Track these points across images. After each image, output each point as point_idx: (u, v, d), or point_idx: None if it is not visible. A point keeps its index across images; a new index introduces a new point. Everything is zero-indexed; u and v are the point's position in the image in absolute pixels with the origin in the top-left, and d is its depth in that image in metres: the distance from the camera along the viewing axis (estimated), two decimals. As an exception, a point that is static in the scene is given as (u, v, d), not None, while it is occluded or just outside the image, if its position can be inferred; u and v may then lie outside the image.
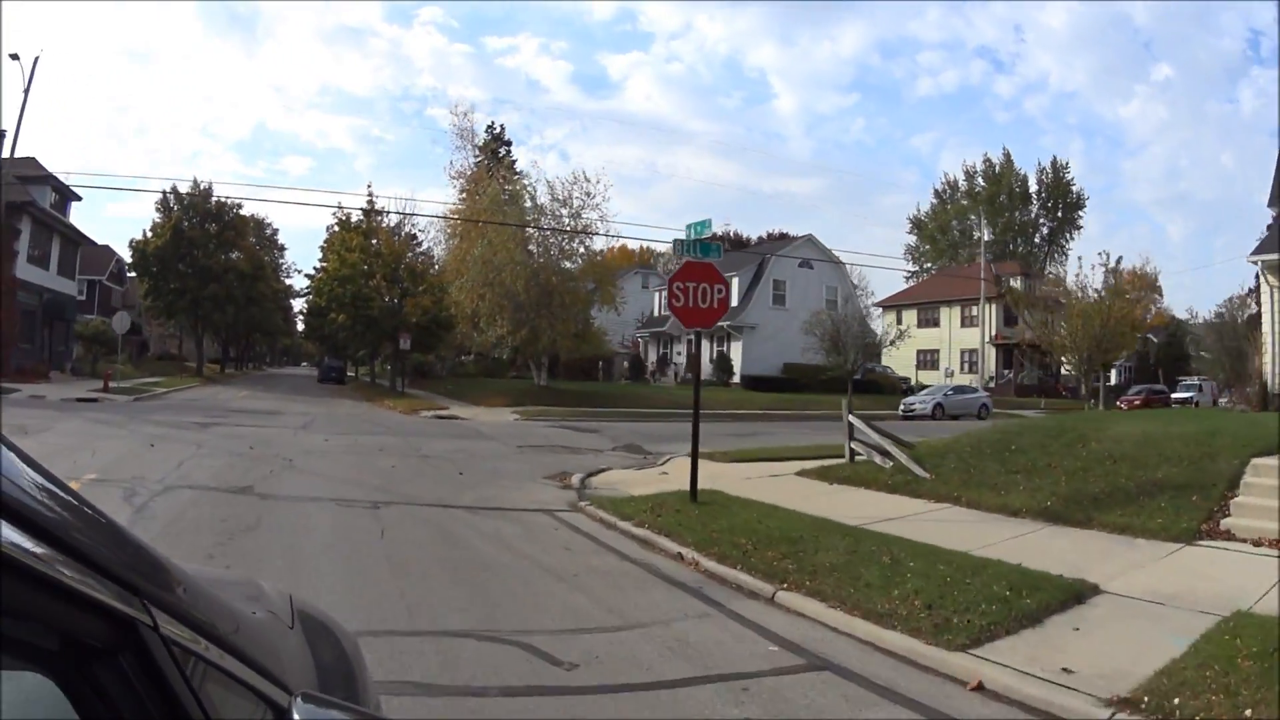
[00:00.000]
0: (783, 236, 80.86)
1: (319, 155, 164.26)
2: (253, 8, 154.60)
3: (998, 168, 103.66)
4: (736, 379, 56.36)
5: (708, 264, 13.79)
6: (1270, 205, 26.14)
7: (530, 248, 42.03)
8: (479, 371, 65.31)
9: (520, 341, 40.73)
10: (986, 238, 62.95)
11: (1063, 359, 56.86)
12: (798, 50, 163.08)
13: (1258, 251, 23.81)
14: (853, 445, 17.28)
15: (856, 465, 16.91)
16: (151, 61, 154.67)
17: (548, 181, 44.19)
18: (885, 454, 16.34)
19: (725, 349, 58.56)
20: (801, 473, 17.06)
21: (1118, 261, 37.36)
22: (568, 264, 42.69)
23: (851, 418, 17.64)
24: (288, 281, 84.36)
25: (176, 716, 1.15)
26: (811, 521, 11.44)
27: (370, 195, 50.43)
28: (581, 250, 43.19)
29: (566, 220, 42.14)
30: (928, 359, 71.41)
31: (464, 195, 47.22)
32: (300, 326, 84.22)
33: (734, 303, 57.16)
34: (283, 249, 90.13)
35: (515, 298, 40.59)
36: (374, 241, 48.66)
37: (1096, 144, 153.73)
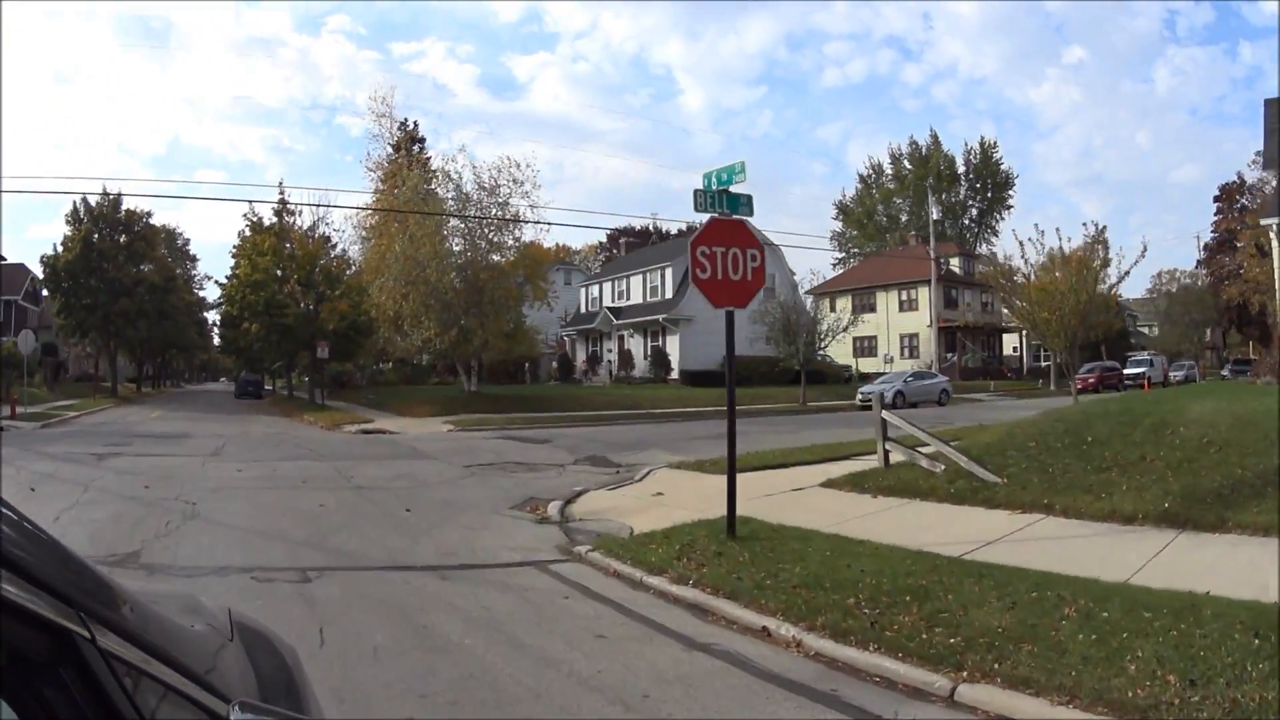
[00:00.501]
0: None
1: (231, 168, 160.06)
2: (165, 20, 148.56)
3: (925, 150, 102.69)
4: (675, 375, 53.17)
5: (738, 222, 10.66)
6: (1267, 169, 24.29)
7: (455, 244, 38.47)
8: (399, 379, 61.95)
9: (449, 344, 36.93)
10: (935, 215, 60.56)
11: (1031, 338, 55.80)
12: (704, 45, 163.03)
13: (1266, 216, 21.85)
14: (887, 446, 14.65)
15: (896, 470, 14.21)
16: (67, 79, 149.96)
17: (473, 166, 40.44)
18: (934, 456, 13.56)
19: (661, 344, 55.46)
20: (829, 483, 14.27)
21: (1101, 230, 35.01)
22: (496, 257, 39.07)
23: (886, 414, 15.07)
24: (200, 294, 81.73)
25: None
26: (906, 556, 8.67)
27: (282, 193, 45.85)
28: (511, 242, 39.57)
29: (494, 210, 38.52)
30: (865, 346, 69.54)
31: (383, 189, 43.27)
32: (217, 340, 79.53)
33: (668, 294, 54.35)
34: (195, 259, 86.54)
35: (442, 296, 37.13)
36: (287, 245, 44.49)
37: (1008, 128, 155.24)
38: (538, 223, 40.36)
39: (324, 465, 18.13)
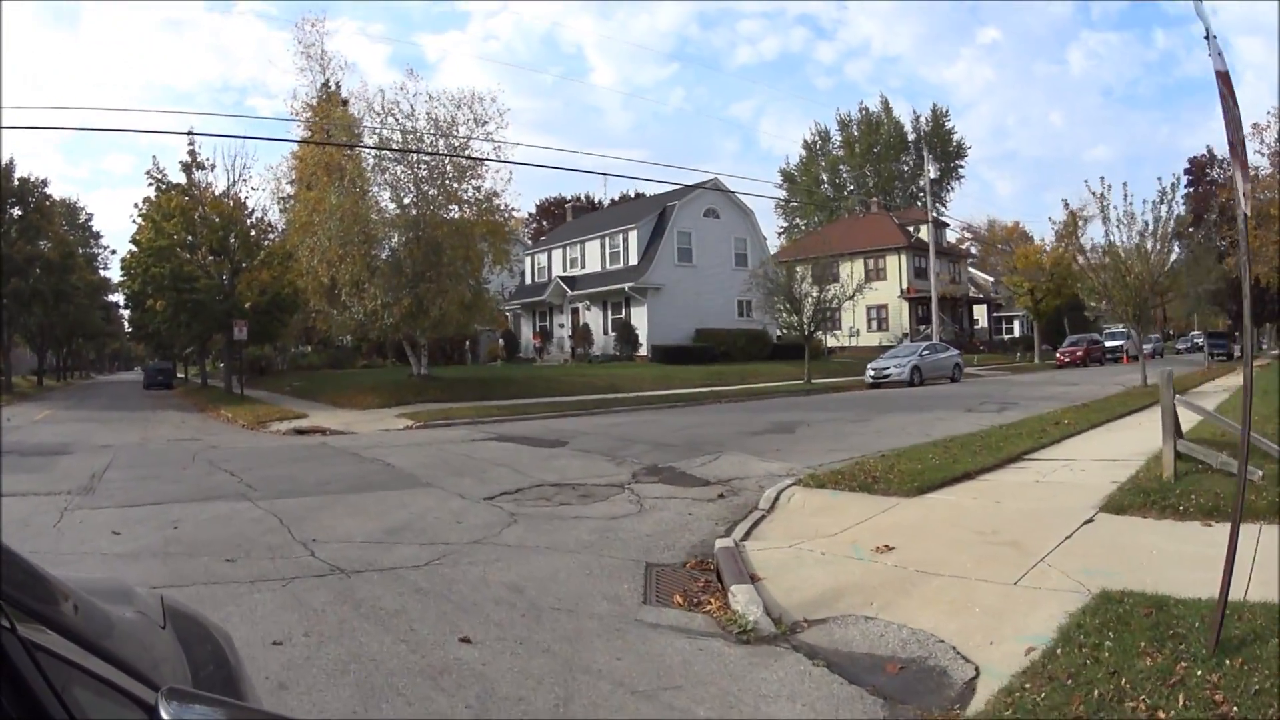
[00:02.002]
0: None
1: (141, 152, 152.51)
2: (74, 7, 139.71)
3: (875, 116, 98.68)
4: (644, 351, 46.76)
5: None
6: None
7: (404, 196, 30.95)
8: (324, 363, 54.36)
9: (400, 316, 29.42)
10: (932, 174, 55.00)
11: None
12: (615, 23, 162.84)
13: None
14: (1181, 448, 9.71)
15: (1196, 481, 9.09)
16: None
17: (428, 95, 32.92)
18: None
19: (626, 315, 48.71)
20: (1115, 505, 8.75)
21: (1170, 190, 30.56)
22: (455, 210, 31.59)
23: (1180, 401, 10.30)
24: (105, 273, 72.87)
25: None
26: None
27: (191, 144, 37.65)
28: (470, 193, 31.91)
29: (449, 153, 30.99)
30: (828, 319, 63.11)
31: (311, 134, 35.57)
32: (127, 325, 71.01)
33: (633, 260, 47.80)
34: (98, 236, 77.62)
35: (394, 257, 30.02)
36: (199, 207, 36.87)
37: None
38: (507, 162, 32.98)
39: (259, 513, 10.21)
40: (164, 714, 1.24)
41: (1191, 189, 60.50)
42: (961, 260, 71.68)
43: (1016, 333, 76.35)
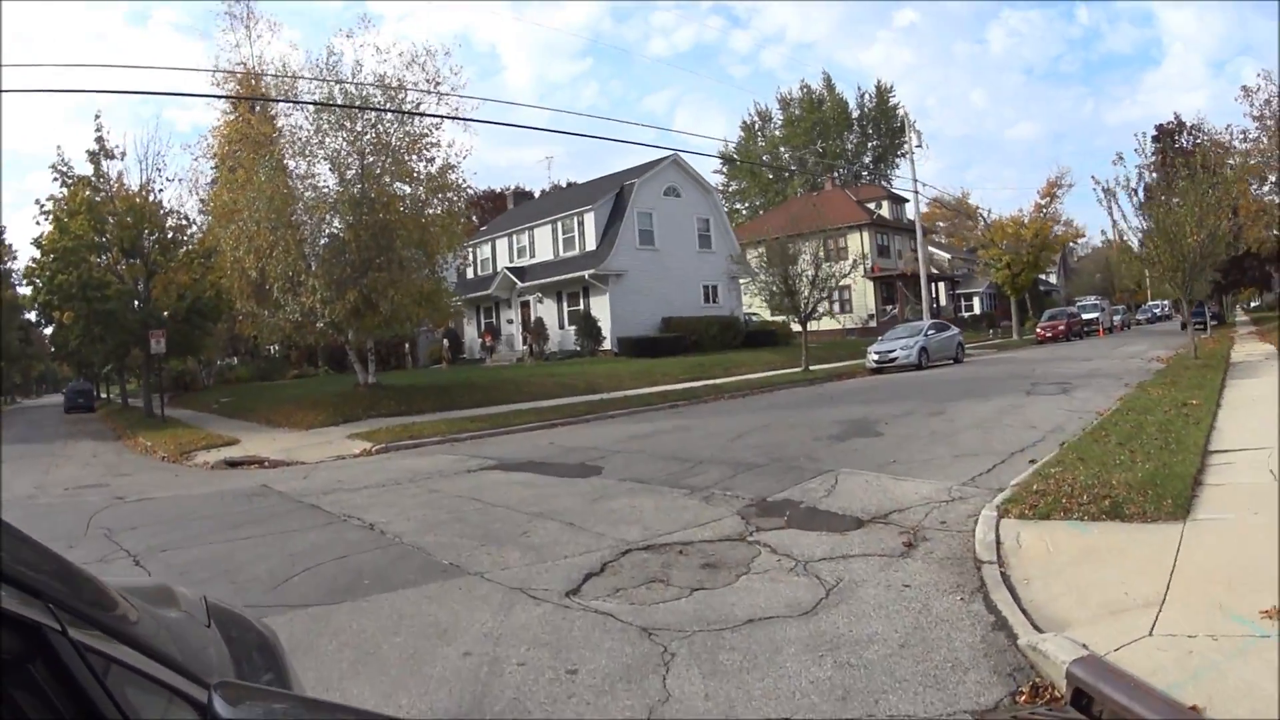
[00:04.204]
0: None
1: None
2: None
3: (816, 94, 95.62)
4: (608, 344, 42.29)
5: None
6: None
7: (347, 170, 25.55)
8: (253, 375, 48.77)
9: (344, 313, 24.24)
10: (916, 144, 51.76)
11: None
12: (528, 21, 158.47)
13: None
14: None
15: None
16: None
17: (375, 48, 27.68)
18: None
19: (585, 307, 43.97)
20: None
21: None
22: (405, 187, 26.40)
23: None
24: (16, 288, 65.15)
25: None
26: None
27: (99, 131, 32.12)
28: (423, 169, 26.53)
29: (398, 125, 25.97)
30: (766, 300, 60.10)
31: (233, 113, 30.48)
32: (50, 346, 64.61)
33: (591, 245, 43.42)
34: (12, 251, 70.90)
35: (336, 243, 25.04)
36: (110, 204, 31.51)
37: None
38: (470, 119, 27.57)
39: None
40: (218, 708, 1.25)
41: (1158, 157, 59.11)
42: (925, 236, 68.79)
43: (978, 309, 74.08)
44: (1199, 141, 51.95)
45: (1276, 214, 40.17)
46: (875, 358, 33.26)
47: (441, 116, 25.63)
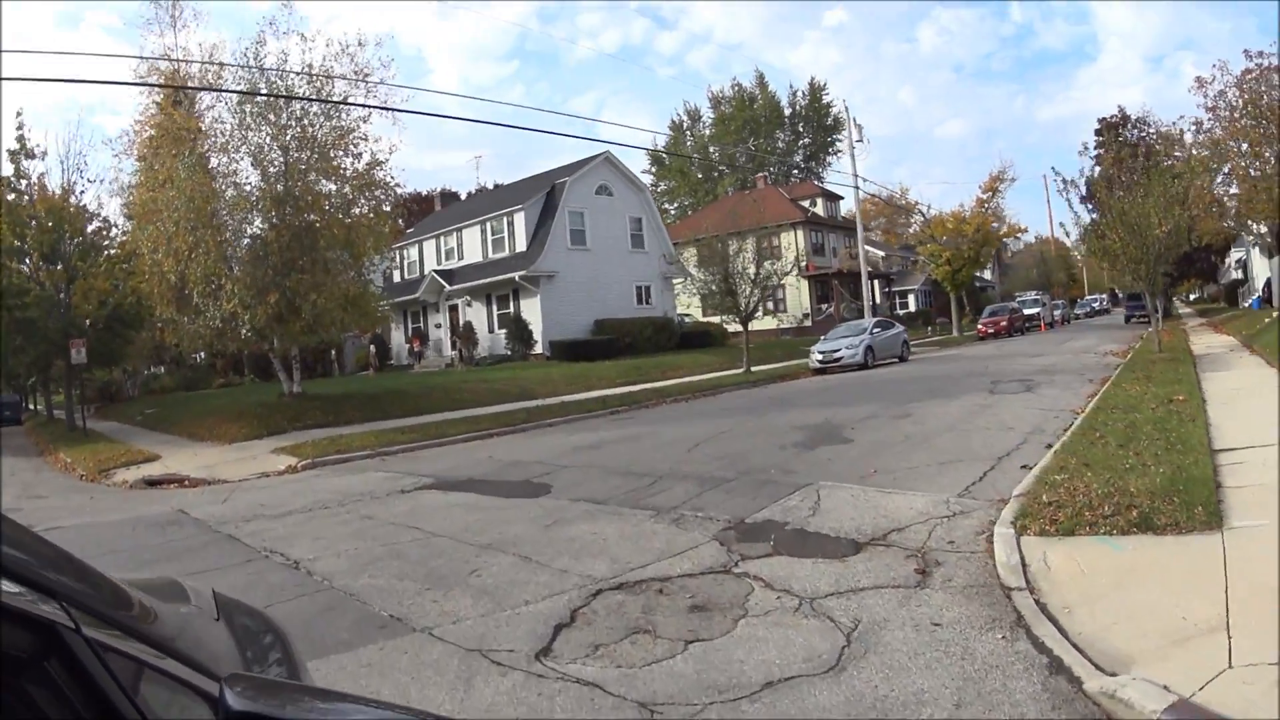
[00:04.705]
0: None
1: None
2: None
3: (748, 92, 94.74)
4: (539, 348, 40.88)
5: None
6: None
7: (270, 165, 23.79)
8: (178, 385, 46.37)
9: (265, 318, 22.44)
10: (857, 138, 50.25)
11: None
12: (455, 24, 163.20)
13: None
14: None
15: None
16: None
17: (301, 36, 25.83)
18: None
19: (515, 309, 42.51)
20: None
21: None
22: (330, 184, 24.74)
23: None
24: None
25: (110, 717, 1.11)
26: None
27: (20, 129, 30.08)
28: (350, 164, 24.86)
29: (324, 119, 24.36)
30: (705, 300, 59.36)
31: (157, 98, 28.54)
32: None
33: (521, 246, 42.05)
34: None
35: (258, 244, 23.34)
36: (31, 206, 29.51)
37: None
38: (394, 110, 25.93)
39: None
40: (230, 701, 1.23)
41: (1101, 150, 59.58)
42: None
43: (913, 306, 74.06)
44: (1144, 135, 52.40)
45: (1229, 205, 40.17)
46: (819, 358, 32.27)
47: (371, 106, 24.10)
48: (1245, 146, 38.56)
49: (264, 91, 23.08)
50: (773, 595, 6.22)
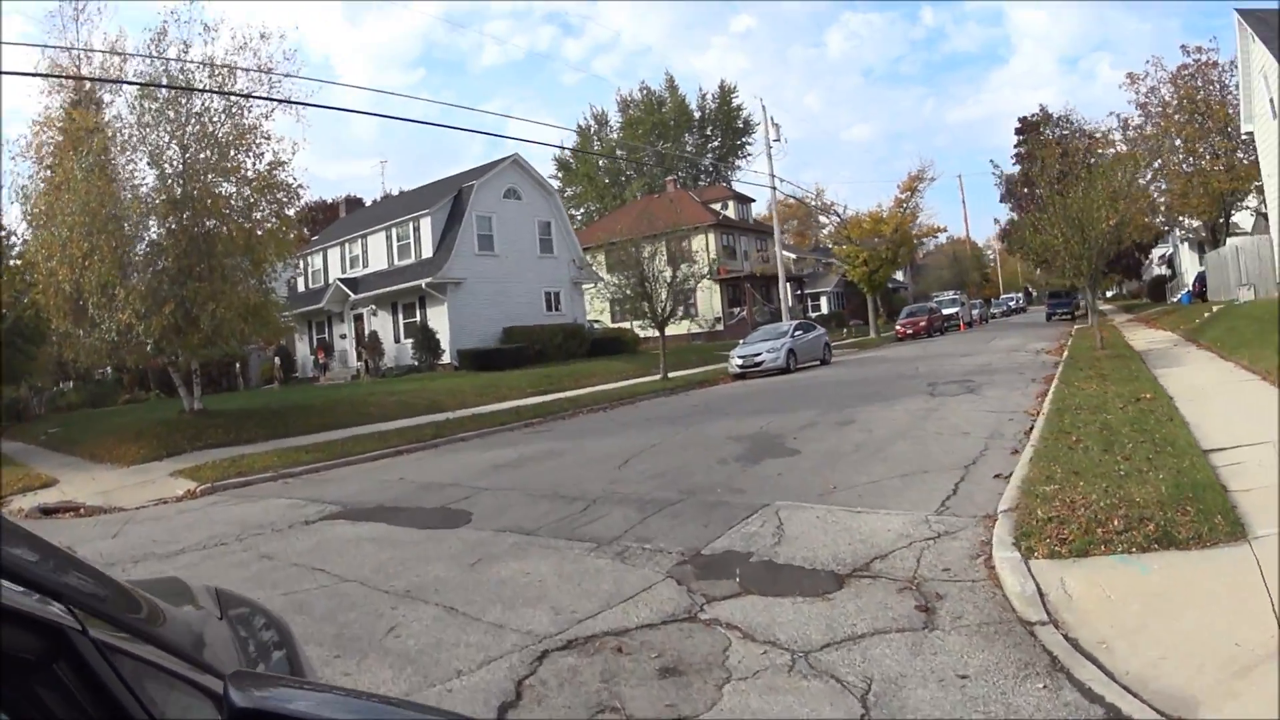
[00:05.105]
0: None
1: None
2: None
3: (657, 96, 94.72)
4: (447, 358, 39.39)
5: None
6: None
7: (167, 165, 21.96)
8: (84, 401, 43.71)
9: (160, 330, 20.51)
10: (772, 137, 48.97)
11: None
12: (363, 31, 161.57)
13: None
14: None
15: None
16: None
17: (205, 26, 23.71)
18: None
19: (422, 318, 40.88)
20: None
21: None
22: (229, 186, 22.79)
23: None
24: None
25: (118, 718, 1.12)
26: None
27: None
28: (250, 166, 23.00)
29: (226, 116, 22.54)
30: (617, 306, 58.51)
31: (60, 92, 26.35)
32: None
33: (428, 252, 40.53)
34: None
35: (154, 250, 21.54)
36: None
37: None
38: (299, 104, 23.65)
39: None
40: (235, 698, 1.23)
41: (1021, 149, 60.14)
42: (770, 236, 68.15)
43: (825, 309, 73.90)
44: (1066, 133, 52.85)
45: (1159, 202, 40.59)
46: (739, 362, 31.34)
47: (277, 100, 22.49)
48: (1179, 142, 38.94)
49: (165, 84, 21.36)
50: (756, 649, 5.15)
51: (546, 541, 8.32)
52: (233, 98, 22.20)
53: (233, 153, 22.41)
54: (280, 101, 22.62)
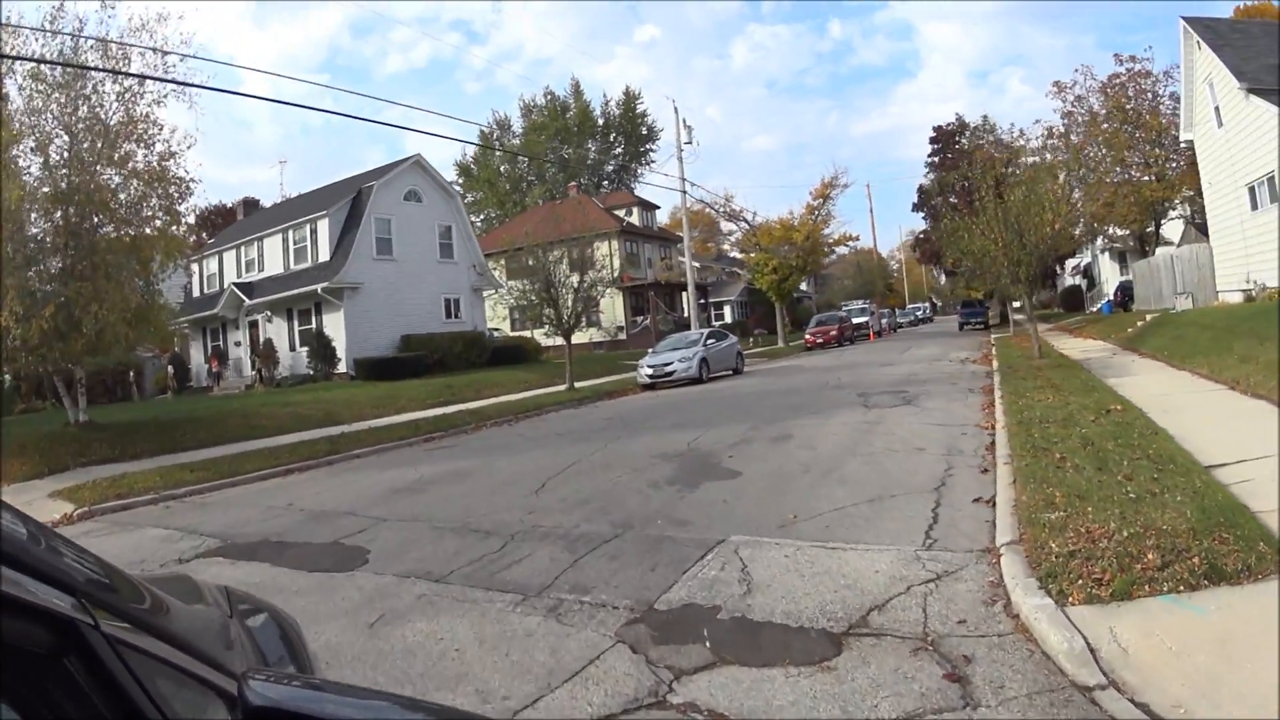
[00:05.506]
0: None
1: None
2: None
3: (561, 101, 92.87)
4: (343, 367, 37.42)
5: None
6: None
7: (52, 161, 20.07)
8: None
9: (39, 334, 18.49)
10: (683, 138, 47.66)
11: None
12: (269, 35, 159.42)
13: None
14: None
15: None
16: None
17: (102, 2, 21.64)
18: None
19: (318, 324, 38.74)
20: None
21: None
22: (114, 175, 20.73)
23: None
24: None
25: (129, 714, 1.10)
26: None
27: None
28: (141, 158, 21.11)
29: (119, 103, 20.76)
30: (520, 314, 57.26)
31: None
32: None
33: (325, 255, 38.59)
34: None
35: (35, 247, 19.50)
36: None
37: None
38: (197, 87, 21.73)
39: None
40: (249, 697, 1.23)
41: (937, 158, 60.27)
42: (676, 244, 67.15)
43: (729, 318, 73.18)
44: (981, 143, 53.02)
45: (1080, 210, 40.80)
46: (649, 372, 30.08)
47: (177, 82, 20.89)
48: (1106, 151, 38.96)
49: (58, 60, 19.48)
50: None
51: (461, 592, 6.82)
52: (127, 80, 20.43)
53: (122, 142, 20.56)
54: (178, 84, 20.99)
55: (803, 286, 78.36)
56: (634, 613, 5.94)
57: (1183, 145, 34.69)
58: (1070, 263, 61.52)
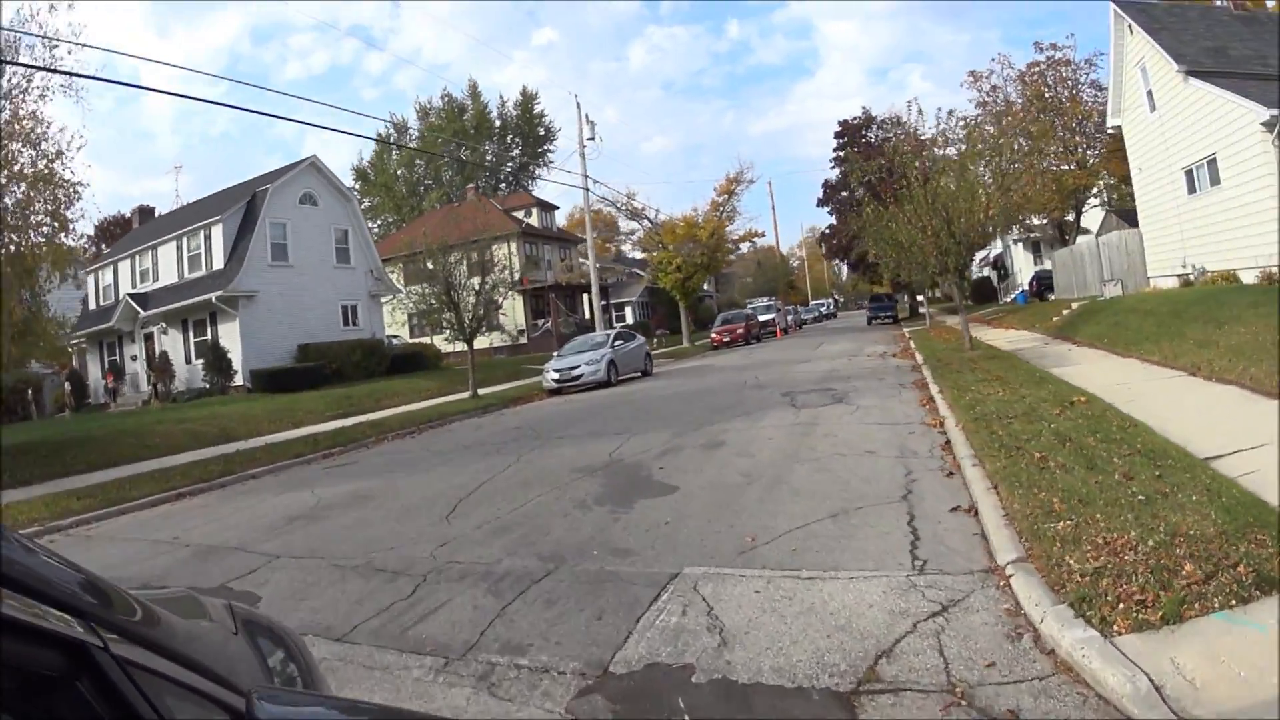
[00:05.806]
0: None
1: None
2: None
3: (459, 103, 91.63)
4: (240, 379, 35.54)
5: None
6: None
7: None
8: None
9: None
10: (587, 133, 46.05)
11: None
12: (172, 42, 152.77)
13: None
14: None
15: None
16: None
17: None
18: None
19: (213, 335, 36.67)
20: None
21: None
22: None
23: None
24: None
25: None
26: None
27: None
28: (26, 159, 19.57)
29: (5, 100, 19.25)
30: (421, 322, 55.69)
31: None
32: None
33: (219, 263, 36.77)
34: None
35: None
36: None
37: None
38: (91, 78, 20.28)
39: None
40: (258, 714, 1.24)
41: (843, 151, 60.11)
42: (576, 245, 65.94)
43: (630, 319, 72.37)
44: (889, 137, 52.92)
45: (1013, 195, 41.12)
46: (555, 376, 28.84)
47: (71, 74, 19.20)
48: (1023, 141, 38.83)
49: None
50: None
51: (368, 655, 5.60)
52: (13, 75, 18.81)
53: (7, 141, 18.93)
54: (70, 75, 19.38)
55: (705, 286, 78.01)
56: (585, 679, 4.82)
57: (1109, 132, 34.67)
58: (979, 255, 62.14)
